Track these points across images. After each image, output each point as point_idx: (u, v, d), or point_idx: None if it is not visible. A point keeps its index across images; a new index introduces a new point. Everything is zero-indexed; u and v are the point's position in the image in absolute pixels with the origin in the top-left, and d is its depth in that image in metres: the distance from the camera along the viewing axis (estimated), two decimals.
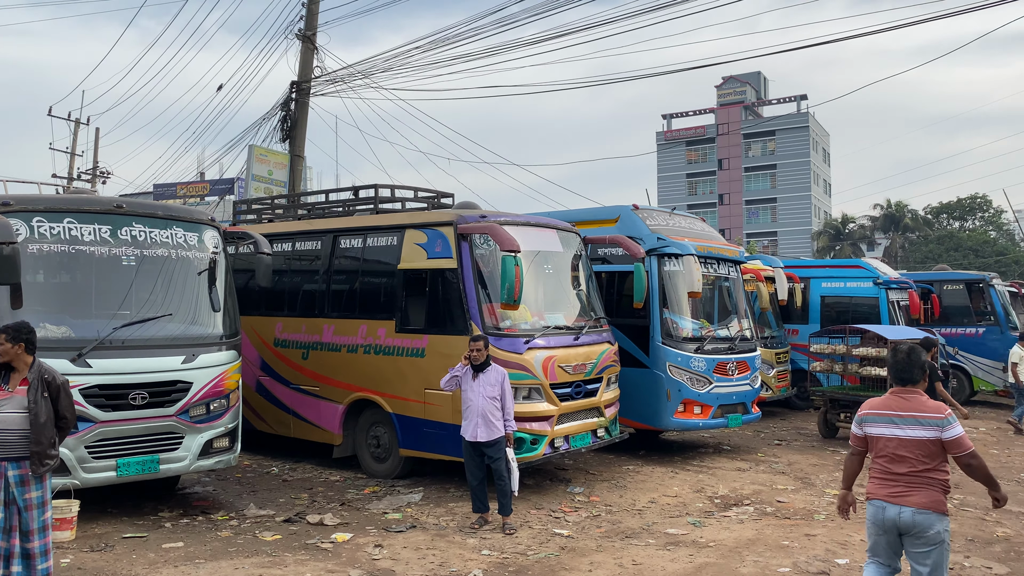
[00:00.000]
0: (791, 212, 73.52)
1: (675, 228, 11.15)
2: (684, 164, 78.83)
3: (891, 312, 15.47)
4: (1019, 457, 11.75)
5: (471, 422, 7.21)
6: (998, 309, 17.39)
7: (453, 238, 8.52)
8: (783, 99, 76.83)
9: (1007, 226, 61.58)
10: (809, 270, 16.88)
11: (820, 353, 13.22)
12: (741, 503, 8.50)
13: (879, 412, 4.58)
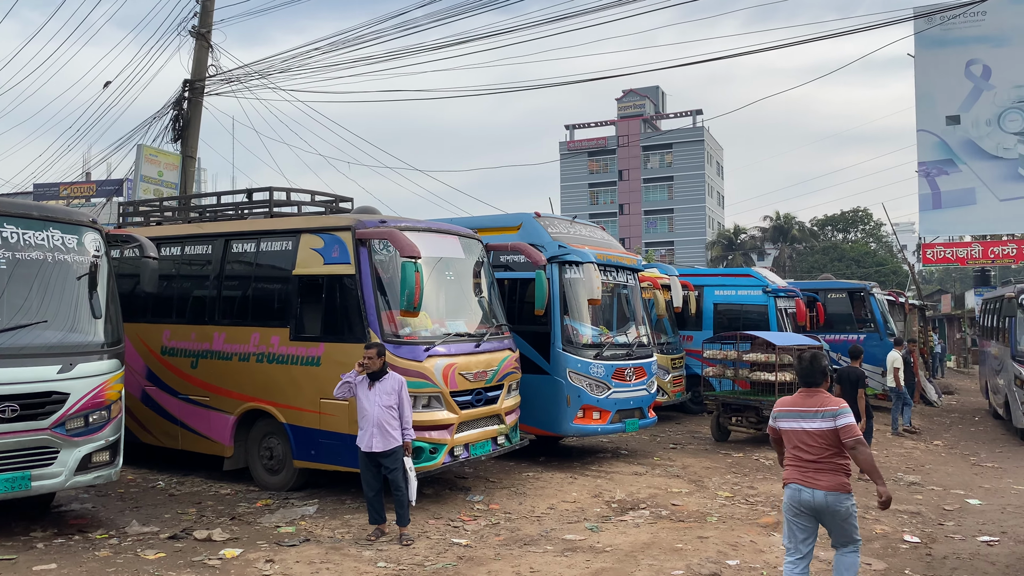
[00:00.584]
0: (687, 222, 75.84)
1: (576, 236, 11.28)
2: (586, 174, 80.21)
3: (779, 319, 16.12)
4: (896, 458, 12.41)
5: (366, 432, 7.05)
6: (878, 317, 18.36)
7: (351, 243, 8.34)
8: (680, 113, 79.22)
9: (886, 238, 65.32)
10: (703, 278, 17.41)
11: (713, 359, 13.63)
12: (637, 507, 8.64)
13: (788, 409, 5.27)
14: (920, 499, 9.46)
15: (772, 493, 9.45)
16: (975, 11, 25.39)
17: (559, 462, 11.05)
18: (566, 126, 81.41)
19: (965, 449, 13.51)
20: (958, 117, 26.59)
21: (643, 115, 78.87)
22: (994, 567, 6.77)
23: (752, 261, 60.92)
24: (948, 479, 10.80)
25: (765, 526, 7.90)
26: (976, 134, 26.03)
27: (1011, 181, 25.84)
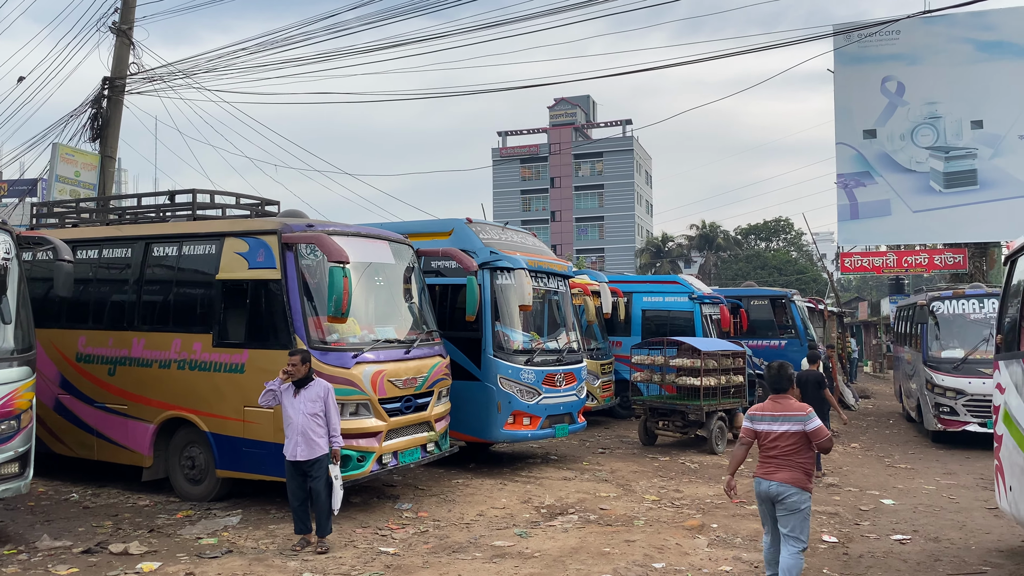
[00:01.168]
0: (617, 230, 76.92)
1: (508, 243, 11.31)
2: (519, 181, 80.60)
3: (704, 325, 16.50)
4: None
5: (291, 440, 6.91)
6: (798, 323, 18.96)
7: (277, 247, 8.18)
8: (610, 123, 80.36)
9: (807, 247, 67.49)
10: (632, 285, 17.68)
11: (641, 364, 13.84)
12: (566, 512, 8.69)
13: (762, 413, 5.90)
14: (838, 500, 9.77)
15: (697, 496, 9.63)
16: (890, 30, 26.45)
17: (489, 468, 11.04)
18: (498, 132, 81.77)
19: (880, 451, 14.02)
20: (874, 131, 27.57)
21: (574, 123, 79.75)
22: (906, 564, 7.04)
23: (679, 268, 62.15)
24: (864, 480, 11.18)
25: (690, 529, 8.05)
26: (891, 148, 27.05)
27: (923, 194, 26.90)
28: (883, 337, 37.24)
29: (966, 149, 26.34)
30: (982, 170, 26.08)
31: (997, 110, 25.87)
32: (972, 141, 26.22)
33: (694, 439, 13.34)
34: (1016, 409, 6.90)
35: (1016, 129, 25.74)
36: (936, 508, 9.41)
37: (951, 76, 26.52)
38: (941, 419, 14.16)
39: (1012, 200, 25.63)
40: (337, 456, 7.02)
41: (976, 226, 26.25)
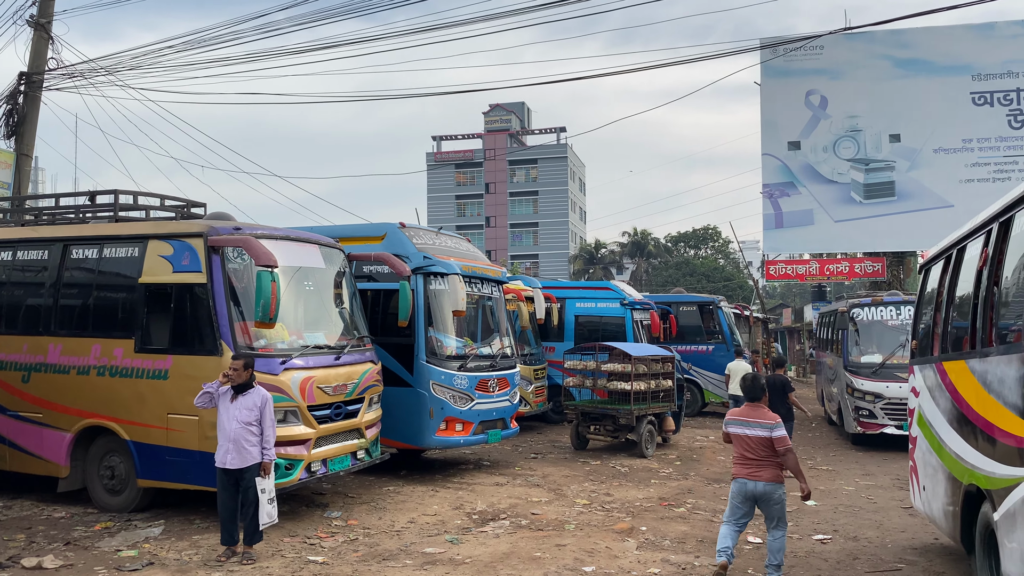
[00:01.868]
0: (551, 236, 77.48)
1: (441, 248, 11.27)
2: (453, 186, 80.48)
3: (635, 330, 16.73)
4: None
5: (223, 447, 6.73)
6: (725, 329, 19.40)
7: (203, 251, 7.97)
8: (545, 130, 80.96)
9: (733, 255, 69.16)
10: (565, 291, 17.83)
11: (573, 369, 13.95)
12: (498, 517, 8.69)
13: (736, 418, 6.62)
14: None
15: (627, 499, 9.75)
16: (814, 45, 27.34)
17: (421, 475, 10.97)
18: (433, 137, 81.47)
19: (803, 454, 14.42)
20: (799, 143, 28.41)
21: (509, 130, 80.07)
22: (826, 563, 7.26)
23: (612, 275, 62.92)
24: (788, 482, 11.45)
25: (620, 532, 8.14)
26: (814, 159, 27.93)
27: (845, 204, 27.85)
28: (806, 343, 38.39)
29: (885, 162, 27.39)
30: (899, 182, 27.16)
31: (914, 125, 27.00)
32: (890, 154, 27.30)
33: (624, 443, 13.51)
34: (929, 412, 7.20)
35: (931, 143, 26.90)
36: (855, 508, 9.73)
37: (871, 91, 27.58)
38: (861, 422, 14.67)
39: (927, 211, 26.76)
40: (268, 470, 6.82)
41: (894, 236, 27.31)
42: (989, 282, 5.77)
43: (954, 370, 6.46)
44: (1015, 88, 26.65)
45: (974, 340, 5.98)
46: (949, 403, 6.53)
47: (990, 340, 5.67)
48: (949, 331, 6.87)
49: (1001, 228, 5.64)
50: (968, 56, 27.04)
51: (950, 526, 6.55)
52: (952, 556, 7.41)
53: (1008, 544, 5.04)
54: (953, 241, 7.05)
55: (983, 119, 26.73)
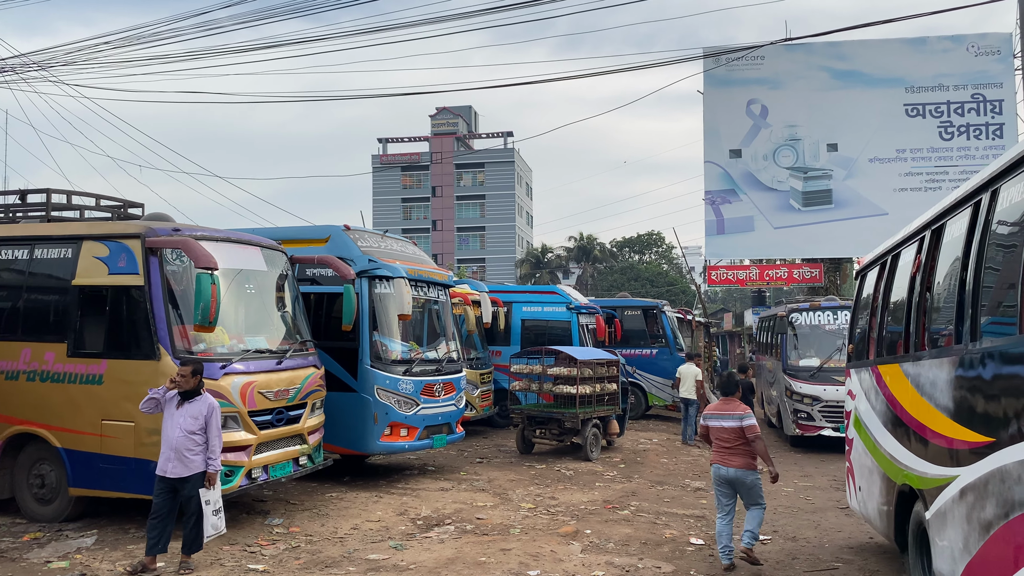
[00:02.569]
0: (498, 240, 77.54)
1: (387, 251, 11.16)
2: (399, 189, 79.96)
3: (581, 334, 16.84)
4: (684, 465, 13.27)
5: (164, 455, 6.52)
6: (668, 333, 19.65)
7: (140, 252, 7.75)
8: (492, 134, 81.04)
9: (676, 260, 70.20)
10: (512, 295, 17.85)
11: (519, 373, 13.97)
12: (443, 523, 8.64)
13: (712, 412, 7.35)
14: (705, 504, 10.16)
15: (572, 503, 9.79)
16: (755, 55, 27.96)
17: (364, 481, 10.84)
18: (379, 139, 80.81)
19: None
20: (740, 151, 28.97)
21: (456, 133, 79.95)
22: (767, 563, 7.39)
23: (558, 279, 63.27)
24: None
25: (565, 535, 8.16)
26: (755, 167, 28.52)
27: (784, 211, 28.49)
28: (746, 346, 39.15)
29: (822, 170, 28.11)
30: (837, 190, 27.91)
31: (850, 134, 27.79)
32: (828, 163, 28.04)
33: (570, 446, 13.57)
34: (865, 414, 7.39)
35: (867, 153, 27.72)
36: (794, 509, 9.94)
37: (810, 101, 28.30)
38: (799, 424, 15.01)
39: (863, 219, 27.56)
40: (212, 480, 6.64)
41: (831, 243, 28.04)
42: (922, 288, 5.95)
43: (889, 373, 6.65)
44: (945, 101, 27.65)
45: (908, 344, 6.16)
46: (884, 406, 6.72)
47: (923, 344, 5.85)
48: (884, 335, 7.07)
49: (933, 235, 5.83)
50: (901, 69, 27.96)
51: (884, 525, 6.73)
52: (886, 555, 7.61)
53: (939, 542, 5.20)
54: (887, 248, 7.27)
55: (916, 130, 27.67)
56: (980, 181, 4.89)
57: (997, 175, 4.60)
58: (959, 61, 27.80)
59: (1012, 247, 4.35)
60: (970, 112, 27.74)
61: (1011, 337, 4.15)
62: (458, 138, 80.00)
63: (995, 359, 4.28)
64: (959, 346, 4.86)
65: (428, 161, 78.12)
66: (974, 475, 4.56)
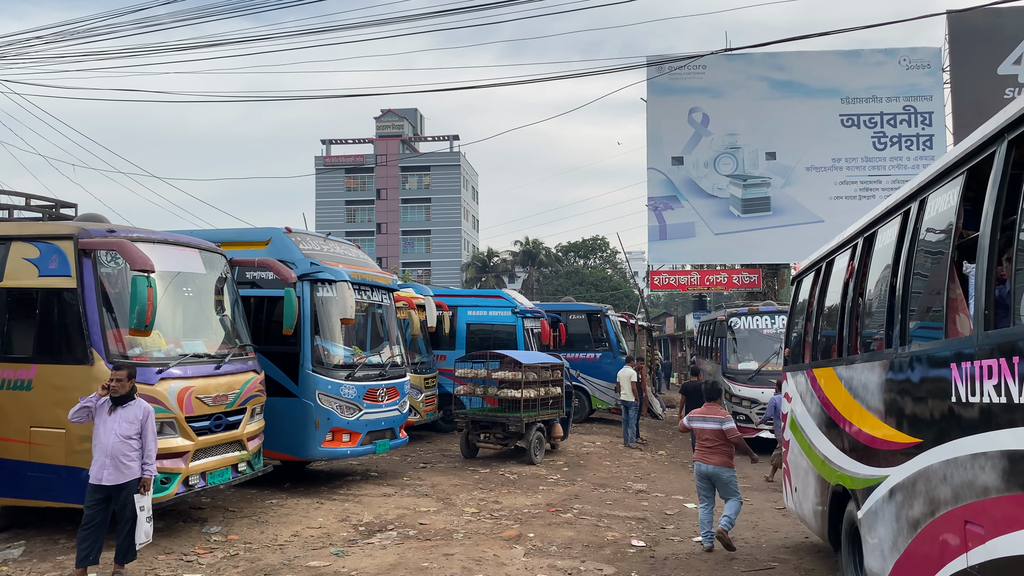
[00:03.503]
0: (444, 244, 77.29)
1: (330, 254, 11.03)
2: (343, 191, 79.08)
3: (526, 338, 16.90)
4: (626, 468, 13.41)
5: (98, 462, 6.31)
6: (612, 337, 19.85)
7: (73, 254, 7.51)
8: (438, 137, 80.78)
9: (620, 265, 70.97)
10: (457, 299, 17.82)
11: (464, 377, 13.94)
12: (385, 528, 8.57)
13: (697, 415, 8.31)
14: (646, 505, 10.29)
15: (515, 507, 9.81)
16: (697, 64, 28.47)
17: (305, 487, 10.69)
18: (322, 141, 79.80)
19: (685, 458, 14.91)
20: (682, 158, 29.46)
21: (402, 136, 79.47)
22: (706, 564, 7.52)
23: (504, 283, 63.34)
24: (670, 486, 11.85)
25: (508, 539, 8.17)
26: (696, 174, 29.03)
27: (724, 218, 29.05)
28: (688, 350, 39.76)
29: (761, 178, 28.76)
30: (775, 198, 28.58)
31: (788, 143, 28.50)
32: (767, 171, 28.70)
33: (514, 450, 13.60)
34: (801, 416, 7.58)
35: (804, 161, 28.45)
36: None
37: (749, 110, 28.93)
38: (738, 427, 15.29)
39: (800, 226, 28.26)
40: (147, 486, 6.46)
41: (769, 249, 28.70)
42: (854, 293, 6.14)
43: (823, 377, 6.84)
44: (879, 112, 28.57)
45: (841, 348, 6.35)
46: (819, 408, 6.90)
47: (855, 348, 6.03)
48: (819, 339, 7.26)
49: (865, 243, 6.02)
50: (837, 80, 28.81)
51: (819, 525, 6.91)
52: (820, 554, 7.81)
53: (870, 540, 5.36)
54: (822, 255, 7.47)
55: (850, 140, 28.52)
56: (909, 191, 5.07)
57: (925, 185, 4.77)
58: (892, 74, 28.77)
59: (939, 254, 4.52)
60: (902, 123, 28.71)
61: (938, 341, 4.31)
62: (403, 141, 79.53)
63: (923, 362, 4.44)
64: (889, 350, 5.02)
65: (373, 163, 77.47)
66: (903, 475, 4.71)
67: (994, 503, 3.48)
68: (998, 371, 3.41)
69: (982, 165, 3.94)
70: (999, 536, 3.44)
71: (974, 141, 4.03)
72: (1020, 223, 3.46)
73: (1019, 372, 3.24)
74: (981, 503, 3.61)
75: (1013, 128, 3.61)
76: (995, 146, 3.78)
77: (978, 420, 3.63)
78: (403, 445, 11.86)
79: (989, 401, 3.50)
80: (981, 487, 3.60)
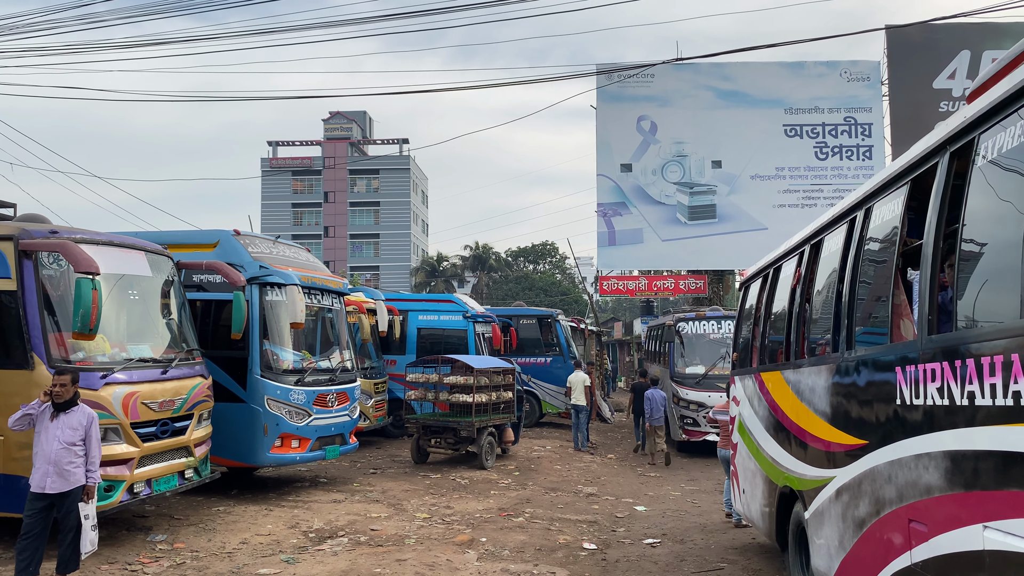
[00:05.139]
0: (393, 248, 76.77)
1: (279, 257, 10.87)
2: (290, 194, 78.00)
3: (477, 343, 16.89)
4: (577, 471, 13.49)
5: (40, 470, 6.11)
6: (563, 341, 19.97)
7: (13, 256, 7.26)
8: (387, 140, 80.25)
9: (569, 270, 71.44)
10: (407, 303, 17.73)
11: (415, 382, 13.87)
12: (336, 535, 8.47)
13: (719, 409, 9.77)
14: (597, 508, 10.37)
15: (467, 511, 9.79)
16: (646, 73, 28.90)
17: (253, 494, 10.51)
18: (269, 142, 78.59)
19: (634, 461, 15.08)
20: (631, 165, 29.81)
21: (350, 138, 78.75)
22: (656, 565, 7.61)
23: (454, 288, 63.18)
24: (620, 489, 11.96)
25: (460, 544, 8.15)
26: (644, 181, 29.40)
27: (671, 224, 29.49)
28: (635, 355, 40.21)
29: (707, 186, 29.28)
30: (720, 205, 29.11)
31: (733, 152, 29.06)
32: (713, 179, 29.22)
33: (465, 455, 13.58)
34: (748, 419, 7.74)
35: (748, 170, 29.05)
36: (682, 512, 10.28)
37: (696, 119, 29.44)
38: (685, 430, 15.52)
39: (744, 233, 28.84)
40: (91, 493, 6.27)
41: (714, 255, 29.21)
42: (801, 299, 6.29)
43: (770, 380, 6.99)
44: (821, 123, 29.34)
45: (788, 352, 6.50)
46: (766, 411, 7.05)
47: (802, 352, 6.18)
48: (766, 344, 7.42)
49: (812, 250, 6.17)
50: (781, 91, 29.50)
51: (767, 526, 7.05)
52: (767, 554, 7.97)
53: (817, 540, 5.50)
54: (770, 261, 7.64)
55: (794, 149, 29.22)
56: (855, 199, 5.22)
57: (871, 194, 4.92)
58: (833, 85, 29.56)
59: (883, 262, 4.67)
60: (843, 134, 29.52)
61: (883, 345, 4.45)
62: (352, 143, 78.83)
63: (868, 366, 4.57)
64: (836, 354, 5.16)
65: (321, 166, 76.59)
66: (848, 476, 4.85)
67: (937, 502, 3.61)
68: (941, 374, 3.54)
69: (925, 175, 4.09)
70: (942, 534, 3.56)
71: (918, 152, 4.18)
72: (961, 232, 3.60)
73: (960, 375, 3.36)
74: (924, 502, 3.73)
75: (955, 140, 3.75)
76: (938, 157, 3.92)
77: (921, 422, 3.76)
78: (353, 451, 11.75)
79: (932, 403, 3.63)
80: (924, 486, 3.73)
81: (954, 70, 29.00)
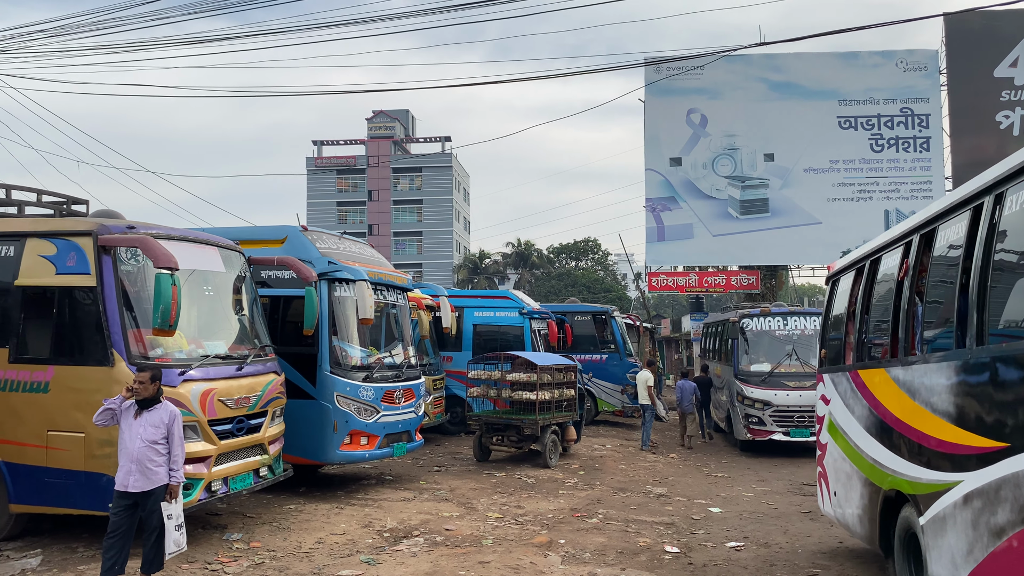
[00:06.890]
0: (435, 245, 76.91)
1: (346, 253, 10.77)
2: (335, 192, 78.57)
3: (533, 339, 16.69)
4: (643, 471, 13.21)
5: (124, 468, 6.05)
6: (618, 338, 19.66)
7: (92, 251, 7.23)
8: (429, 139, 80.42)
9: (612, 266, 70.88)
10: (463, 300, 17.59)
11: (477, 379, 13.68)
12: (411, 535, 8.33)
13: None
14: (671, 510, 10.09)
15: (539, 511, 9.59)
16: (695, 65, 28.42)
17: (321, 492, 10.43)
18: (314, 142, 79.28)
19: (697, 461, 14.74)
20: (680, 159, 29.37)
21: (393, 137, 79.06)
22: (746, 570, 7.32)
23: (495, 285, 63.09)
24: (689, 490, 11.65)
25: (539, 546, 7.95)
26: (694, 175, 28.94)
27: (722, 219, 28.98)
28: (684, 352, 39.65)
29: (759, 179, 28.69)
30: (773, 199, 28.52)
31: (786, 145, 28.45)
32: (765, 172, 28.64)
33: (527, 453, 13.37)
34: (842, 419, 7.39)
35: (802, 163, 28.40)
36: (759, 515, 9.94)
37: (747, 111, 28.87)
38: (751, 429, 15.13)
39: (798, 227, 28.23)
40: (175, 493, 6.19)
41: (767, 250, 28.63)
42: (911, 292, 5.95)
43: (872, 378, 6.64)
44: (876, 114, 28.57)
45: (895, 348, 6.16)
46: (866, 410, 6.71)
47: (912, 348, 5.84)
48: (864, 340, 7.07)
49: (923, 240, 5.83)
50: (835, 82, 28.80)
51: (866, 531, 6.71)
52: (861, 559, 7.64)
53: (936, 547, 5.17)
54: (866, 252, 7.28)
55: (848, 142, 28.51)
56: (981, 185, 4.88)
57: (1004, 178, 4.58)
58: (889, 76, 28.78)
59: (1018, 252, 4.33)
60: (899, 125, 28.71)
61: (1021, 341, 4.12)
62: (395, 142, 79.13)
63: (1008, 363, 4.25)
64: (962, 350, 4.84)
65: (364, 165, 77.01)
66: (981, 480, 4.52)
67: None
68: None
69: None
70: None
71: None
72: None
73: None
74: None
75: None
76: None
77: None
78: (418, 448, 11.62)
79: None
80: None
81: (1016, 58, 28.04)
